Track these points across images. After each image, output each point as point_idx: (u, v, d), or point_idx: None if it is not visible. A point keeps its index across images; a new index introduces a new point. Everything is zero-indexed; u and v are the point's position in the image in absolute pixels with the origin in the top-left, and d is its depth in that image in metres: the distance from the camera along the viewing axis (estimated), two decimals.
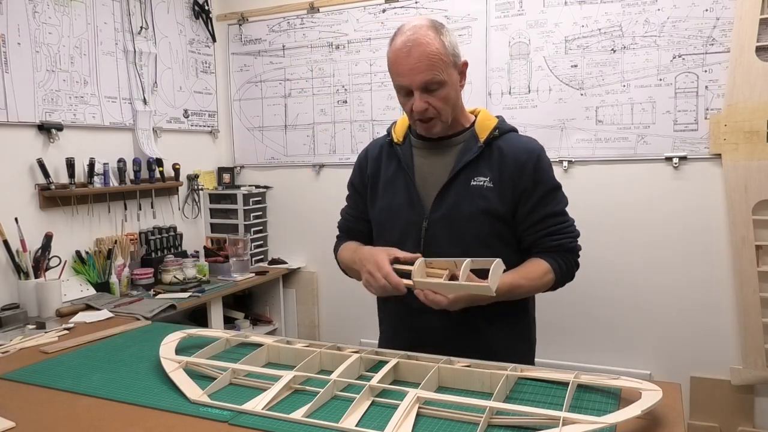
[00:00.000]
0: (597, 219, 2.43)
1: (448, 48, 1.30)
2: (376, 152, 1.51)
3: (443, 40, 1.29)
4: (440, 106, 1.31)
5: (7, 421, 1.04)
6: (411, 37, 1.28)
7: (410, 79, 1.28)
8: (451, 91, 1.32)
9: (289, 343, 1.32)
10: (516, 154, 1.36)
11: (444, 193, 1.36)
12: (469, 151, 1.37)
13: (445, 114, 1.34)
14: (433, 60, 1.27)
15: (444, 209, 1.36)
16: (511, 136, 1.40)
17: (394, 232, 1.42)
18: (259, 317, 3.09)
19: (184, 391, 1.11)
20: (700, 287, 2.32)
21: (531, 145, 1.39)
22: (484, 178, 1.35)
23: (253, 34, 3.11)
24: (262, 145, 3.16)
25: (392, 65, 1.32)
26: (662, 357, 2.39)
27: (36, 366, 1.34)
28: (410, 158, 1.43)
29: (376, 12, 2.80)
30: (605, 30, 2.37)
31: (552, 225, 1.37)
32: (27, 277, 2.06)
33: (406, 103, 1.34)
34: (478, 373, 1.12)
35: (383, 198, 1.46)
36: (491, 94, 2.57)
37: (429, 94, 1.30)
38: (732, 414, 2.30)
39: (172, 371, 1.19)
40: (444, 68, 1.29)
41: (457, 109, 1.38)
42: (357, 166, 1.57)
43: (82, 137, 2.41)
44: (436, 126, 1.35)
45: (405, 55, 1.28)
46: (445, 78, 1.29)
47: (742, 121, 2.17)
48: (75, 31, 2.38)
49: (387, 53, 1.35)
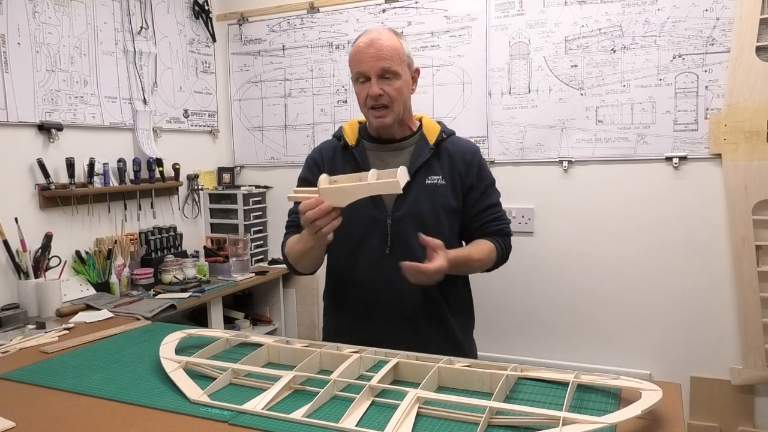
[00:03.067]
0: (597, 219, 2.43)
1: (405, 50, 1.49)
2: (330, 154, 1.62)
3: (401, 42, 1.49)
4: (394, 95, 1.46)
5: (7, 421, 1.04)
6: (372, 35, 1.47)
7: (369, 65, 1.44)
8: (404, 86, 1.48)
9: (288, 343, 1.32)
10: (462, 154, 1.55)
11: (404, 192, 1.41)
12: (421, 152, 1.52)
13: (397, 106, 1.48)
14: (391, 52, 1.45)
15: (406, 207, 1.49)
16: (454, 139, 1.59)
17: (359, 227, 1.51)
18: (259, 317, 3.09)
19: (184, 391, 1.11)
20: (700, 287, 2.32)
21: (473, 147, 1.60)
22: (437, 177, 1.52)
23: (253, 34, 3.11)
24: (262, 145, 3.16)
25: (353, 57, 1.48)
26: (662, 357, 2.39)
27: (36, 366, 1.34)
28: (366, 161, 1.55)
29: (376, 12, 2.80)
30: (605, 30, 2.37)
31: (493, 213, 1.58)
32: (27, 277, 2.06)
33: (362, 91, 1.48)
34: (478, 373, 1.12)
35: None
36: (491, 94, 2.57)
37: (384, 83, 1.45)
38: (732, 414, 2.30)
39: (172, 371, 1.20)
40: (399, 63, 1.46)
41: (407, 110, 1.54)
42: (311, 165, 1.64)
43: (82, 137, 2.41)
44: (387, 116, 1.48)
45: (366, 47, 1.46)
46: (399, 70, 1.46)
47: (742, 121, 2.17)
48: (75, 31, 2.38)
49: (350, 53, 1.50)
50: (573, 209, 2.49)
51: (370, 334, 1.46)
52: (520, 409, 0.96)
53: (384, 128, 1.52)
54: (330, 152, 1.61)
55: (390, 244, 1.49)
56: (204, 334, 1.43)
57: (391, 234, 1.49)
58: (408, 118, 1.56)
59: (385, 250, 1.50)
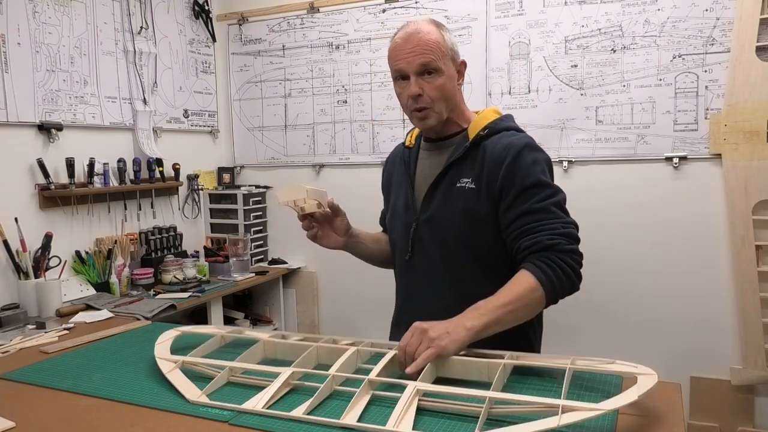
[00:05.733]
0: (597, 219, 2.43)
1: (447, 41, 1.32)
2: (394, 156, 1.57)
3: (443, 34, 1.32)
4: (434, 94, 1.30)
5: (7, 421, 1.04)
6: (412, 28, 1.32)
7: (407, 62, 1.29)
8: (447, 82, 1.31)
9: (284, 338, 1.32)
10: (495, 152, 1.29)
11: (431, 195, 1.37)
12: (457, 151, 1.35)
13: (439, 105, 1.32)
14: (431, 46, 1.29)
15: (430, 211, 1.36)
16: (501, 135, 1.33)
17: (395, 233, 1.47)
18: (259, 317, 3.09)
19: (182, 392, 1.11)
20: (699, 287, 2.32)
21: (513, 142, 1.30)
22: (467, 179, 1.32)
23: (253, 34, 3.11)
24: (262, 145, 3.16)
25: (391, 53, 1.34)
26: (662, 357, 2.39)
27: (36, 366, 1.34)
28: (415, 161, 1.45)
29: (376, 12, 2.80)
30: (605, 30, 2.37)
31: (529, 223, 1.24)
32: (27, 277, 2.06)
33: (402, 91, 1.33)
34: (475, 362, 1.11)
35: (391, 200, 1.52)
36: (491, 94, 2.57)
37: (424, 81, 1.30)
38: (732, 414, 2.30)
39: (168, 372, 1.19)
40: (441, 57, 1.29)
41: (455, 107, 1.37)
42: (383, 169, 1.63)
43: (82, 137, 2.41)
44: (429, 117, 1.33)
45: (404, 42, 1.31)
46: (441, 66, 1.29)
47: (742, 121, 2.17)
48: (75, 31, 2.38)
49: (388, 49, 1.36)
50: (572, 209, 2.45)
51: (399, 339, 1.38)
52: (519, 399, 0.96)
53: (428, 130, 1.40)
54: (395, 154, 1.58)
55: (411, 249, 1.41)
56: (198, 332, 1.42)
57: (412, 239, 1.40)
58: (458, 116, 1.39)
59: (406, 256, 1.42)
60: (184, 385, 1.14)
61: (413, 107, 1.32)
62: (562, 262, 1.20)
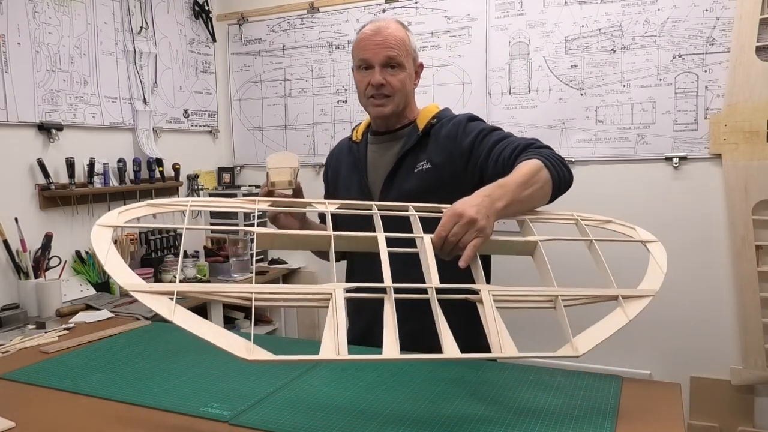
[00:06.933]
0: None
1: (411, 42, 1.44)
2: (339, 151, 1.64)
3: (408, 35, 1.44)
4: (396, 86, 1.41)
5: (7, 421, 1.04)
6: (381, 23, 1.43)
7: (374, 53, 1.39)
8: (407, 79, 1.43)
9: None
10: (447, 130, 1.42)
11: (390, 181, 1.44)
12: (410, 140, 1.45)
13: (398, 97, 1.42)
14: (398, 42, 1.40)
15: (391, 197, 1.43)
16: (446, 122, 1.44)
17: (356, 218, 1.48)
18: (259, 317, 3.09)
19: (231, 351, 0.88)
20: (700, 287, 2.32)
21: (459, 116, 1.44)
22: (422, 162, 1.41)
23: (253, 34, 3.11)
24: (262, 145, 3.16)
25: (357, 44, 1.43)
26: (662, 357, 2.39)
27: (36, 366, 1.34)
28: (364, 154, 1.53)
29: (376, 12, 2.80)
30: (605, 30, 2.37)
31: (505, 145, 1.31)
32: (27, 277, 2.06)
33: (363, 79, 1.42)
34: (506, 241, 1.20)
35: (340, 191, 1.57)
36: (491, 94, 2.57)
37: (387, 73, 1.40)
38: (732, 414, 2.30)
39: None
40: (405, 54, 1.41)
41: (408, 103, 1.48)
42: (325, 164, 1.70)
43: (82, 137, 2.41)
44: (387, 106, 1.42)
45: (373, 34, 1.40)
46: (404, 62, 1.41)
47: (742, 121, 2.17)
48: (75, 31, 2.38)
49: (356, 39, 1.45)
50: (572, 209, 2.48)
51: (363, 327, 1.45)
52: (583, 293, 1.09)
53: (381, 118, 1.47)
54: (340, 150, 1.64)
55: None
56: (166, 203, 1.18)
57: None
58: (408, 111, 1.49)
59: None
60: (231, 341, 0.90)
61: (372, 94, 1.42)
62: (547, 150, 1.30)
